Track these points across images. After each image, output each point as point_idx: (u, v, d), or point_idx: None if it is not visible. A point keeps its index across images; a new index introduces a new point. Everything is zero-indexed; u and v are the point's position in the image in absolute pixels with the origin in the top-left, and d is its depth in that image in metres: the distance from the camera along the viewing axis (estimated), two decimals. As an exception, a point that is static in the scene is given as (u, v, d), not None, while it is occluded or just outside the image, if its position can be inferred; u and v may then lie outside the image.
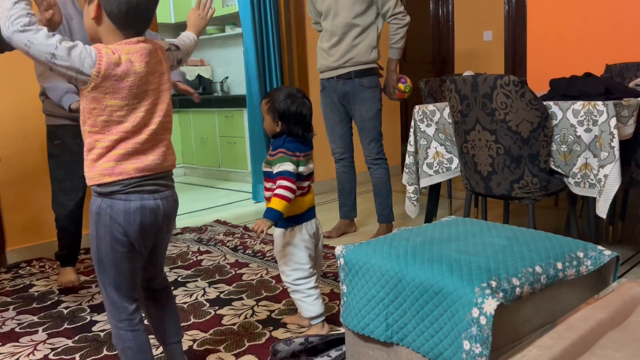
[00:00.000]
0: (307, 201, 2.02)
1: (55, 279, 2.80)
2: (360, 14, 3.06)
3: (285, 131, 1.94)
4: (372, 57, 3.10)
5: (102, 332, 2.13)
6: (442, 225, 1.75)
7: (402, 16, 3.09)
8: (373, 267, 1.52)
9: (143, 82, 1.41)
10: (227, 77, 6.24)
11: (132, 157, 1.43)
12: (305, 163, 1.98)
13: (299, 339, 1.82)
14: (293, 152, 1.92)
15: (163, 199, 1.50)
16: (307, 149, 1.99)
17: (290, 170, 1.89)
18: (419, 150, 2.87)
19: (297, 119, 1.93)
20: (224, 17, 5.90)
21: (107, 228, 1.45)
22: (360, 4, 3.05)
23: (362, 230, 3.49)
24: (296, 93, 1.96)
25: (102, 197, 1.46)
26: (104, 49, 1.36)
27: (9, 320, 2.30)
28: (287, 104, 1.92)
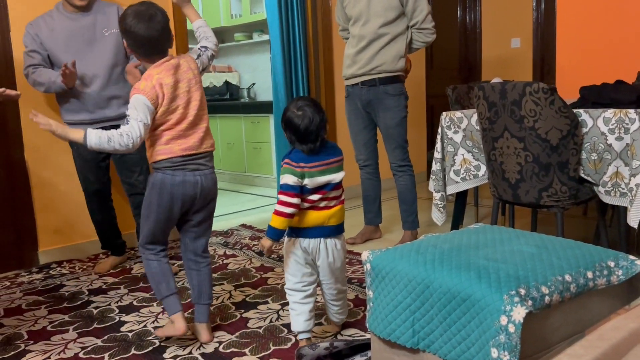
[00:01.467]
0: (315, 217, 1.86)
1: (84, 279, 2.86)
2: (390, 22, 3.05)
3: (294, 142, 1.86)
4: (399, 67, 3.10)
5: (131, 333, 2.17)
6: (470, 233, 1.75)
7: (428, 33, 3.07)
8: (400, 273, 1.52)
9: (174, 89, 1.91)
10: (254, 83, 6.30)
11: (177, 140, 1.93)
12: (315, 175, 1.82)
13: (324, 343, 1.82)
14: (297, 162, 1.82)
15: (202, 176, 1.99)
16: (317, 159, 1.84)
17: (289, 183, 1.80)
18: (446, 157, 2.86)
19: (292, 130, 1.83)
20: (252, 24, 5.96)
21: (157, 194, 1.95)
22: (392, 12, 3.04)
23: (387, 236, 3.48)
24: (301, 103, 1.85)
25: (156, 171, 1.96)
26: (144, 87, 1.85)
27: (41, 319, 2.36)
28: (285, 115, 1.85)
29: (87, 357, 1.98)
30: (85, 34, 2.77)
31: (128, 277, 2.88)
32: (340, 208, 1.92)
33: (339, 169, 1.89)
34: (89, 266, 3.09)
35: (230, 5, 6.13)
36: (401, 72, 3.13)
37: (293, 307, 1.92)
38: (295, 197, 1.80)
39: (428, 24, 3.06)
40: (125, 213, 3.28)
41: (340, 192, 1.91)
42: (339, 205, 1.91)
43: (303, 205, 1.84)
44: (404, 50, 3.08)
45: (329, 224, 1.88)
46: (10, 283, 2.86)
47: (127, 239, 3.27)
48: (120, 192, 3.24)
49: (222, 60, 6.69)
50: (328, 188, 1.86)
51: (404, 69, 3.13)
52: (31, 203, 3.10)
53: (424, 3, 3.05)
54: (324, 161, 1.85)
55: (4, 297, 2.65)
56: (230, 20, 6.13)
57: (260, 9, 5.72)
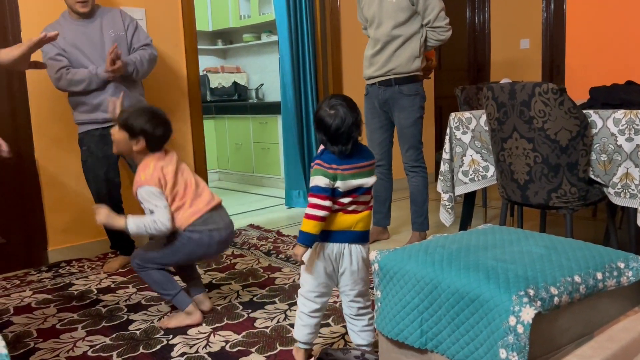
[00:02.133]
0: (342, 220, 1.75)
1: (93, 278, 2.87)
2: (403, 23, 3.04)
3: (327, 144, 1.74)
4: (414, 67, 3.09)
5: (138, 331, 2.18)
6: (479, 233, 1.74)
7: (442, 31, 3.05)
8: (408, 273, 1.52)
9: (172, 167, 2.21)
10: (262, 84, 6.31)
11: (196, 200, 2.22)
12: (347, 178, 1.71)
13: (356, 351, 1.82)
14: (329, 164, 1.71)
15: (229, 229, 2.29)
16: (349, 162, 1.72)
17: (320, 185, 1.69)
18: (454, 157, 2.85)
19: (323, 130, 1.71)
20: (260, 24, 5.98)
21: (192, 248, 2.20)
22: (403, 13, 3.03)
23: (395, 237, 3.47)
24: (334, 102, 1.72)
25: (192, 232, 2.19)
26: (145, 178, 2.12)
27: (50, 317, 2.38)
28: (317, 114, 1.73)
29: (96, 356, 1.99)
30: (95, 38, 2.84)
31: (137, 276, 2.89)
32: (368, 214, 1.80)
33: (371, 173, 1.78)
34: (97, 265, 3.10)
35: (239, 6, 6.15)
36: (417, 72, 3.11)
37: (300, 316, 1.84)
38: (327, 199, 1.69)
39: (441, 22, 3.03)
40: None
41: (369, 197, 1.80)
42: (367, 211, 1.80)
43: (333, 208, 1.73)
44: (418, 50, 3.07)
45: (356, 229, 1.76)
46: (20, 282, 2.88)
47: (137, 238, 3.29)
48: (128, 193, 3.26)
49: (231, 61, 6.71)
50: (359, 192, 1.75)
51: (419, 68, 3.11)
52: (41, 202, 3.13)
53: (435, 1, 3.03)
54: (357, 164, 1.73)
55: (13, 295, 2.67)
56: (239, 21, 6.15)
57: (269, 9, 5.74)
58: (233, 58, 6.72)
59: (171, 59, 3.60)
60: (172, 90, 3.62)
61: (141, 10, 3.40)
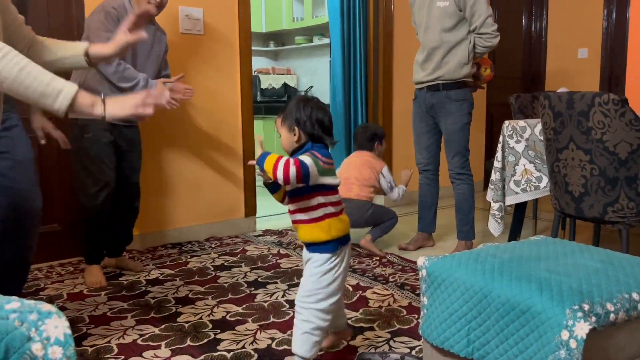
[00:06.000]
0: (345, 222, 1.75)
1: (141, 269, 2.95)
2: (450, 29, 3.03)
3: (304, 140, 1.69)
4: (463, 74, 3.06)
5: (187, 324, 2.23)
6: (531, 244, 1.71)
7: (489, 38, 2.99)
8: (457, 281, 1.50)
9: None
10: (312, 86, 6.35)
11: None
12: (333, 173, 1.71)
13: (394, 354, 1.82)
14: (325, 157, 1.66)
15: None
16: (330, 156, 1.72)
17: (309, 166, 1.59)
18: (506, 166, 2.80)
19: (315, 122, 1.68)
20: (313, 27, 6.02)
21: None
22: (450, 19, 3.01)
23: (440, 245, 3.44)
24: (310, 98, 1.73)
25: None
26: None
27: (101, 304, 2.46)
28: (301, 108, 1.68)
29: (145, 344, 2.05)
30: (148, 44, 2.81)
31: (184, 269, 2.96)
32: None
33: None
34: (147, 257, 3.19)
35: (293, 9, 6.21)
36: (466, 78, 3.07)
37: (314, 332, 1.70)
38: (299, 182, 1.60)
39: (488, 29, 2.98)
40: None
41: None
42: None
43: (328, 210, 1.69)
44: (466, 56, 3.03)
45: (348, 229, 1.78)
46: (74, 269, 2.99)
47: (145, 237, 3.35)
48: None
49: (282, 62, 6.79)
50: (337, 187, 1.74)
51: (468, 74, 3.07)
52: (97, 193, 3.22)
53: (481, 7, 2.97)
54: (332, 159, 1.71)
55: (67, 281, 2.78)
56: (292, 23, 6.21)
57: (322, 12, 5.77)
58: (284, 60, 6.79)
59: (225, 59, 3.66)
60: (225, 90, 3.69)
61: (199, 9, 3.48)
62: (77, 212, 3.04)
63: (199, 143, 3.59)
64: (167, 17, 3.20)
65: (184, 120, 3.50)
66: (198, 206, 3.61)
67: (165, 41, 2.95)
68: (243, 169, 3.81)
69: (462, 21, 3.01)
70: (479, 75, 3.19)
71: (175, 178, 3.50)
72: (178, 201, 3.53)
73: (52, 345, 0.79)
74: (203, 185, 3.64)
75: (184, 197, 3.54)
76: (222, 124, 3.68)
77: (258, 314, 2.32)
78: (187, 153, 3.55)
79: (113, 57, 1.72)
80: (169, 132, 3.43)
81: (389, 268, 2.95)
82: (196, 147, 3.58)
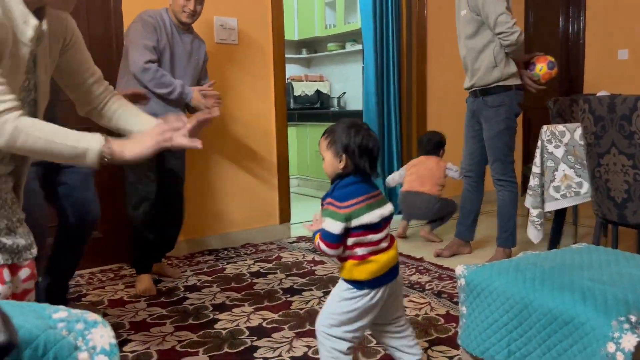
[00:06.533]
0: (385, 261, 1.59)
1: (179, 276, 3.00)
2: (472, 36, 3.04)
3: (350, 169, 1.58)
4: (494, 77, 3.01)
5: (224, 331, 2.25)
6: (573, 252, 1.67)
7: (505, 36, 2.91)
8: (497, 290, 1.48)
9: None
10: (345, 92, 6.36)
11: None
12: (371, 208, 1.56)
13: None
14: (343, 201, 1.54)
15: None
16: (373, 189, 1.61)
17: (328, 231, 1.53)
18: (545, 172, 2.74)
19: (363, 151, 1.56)
20: (345, 34, 6.04)
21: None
22: (470, 26, 3.03)
23: (477, 252, 3.38)
24: (361, 124, 1.61)
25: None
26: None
27: (141, 311, 2.50)
28: (352, 135, 1.57)
29: (184, 351, 2.07)
30: (186, 51, 2.87)
31: (221, 276, 2.99)
32: (396, 243, 1.66)
33: (385, 201, 1.63)
34: (184, 264, 3.24)
35: (325, 16, 6.24)
36: (501, 82, 3.02)
37: (332, 355, 1.60)
38: (336, 247, 1.55)
39: (501, 27, 2.89)
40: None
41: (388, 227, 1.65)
42: (394, 241, 1.65)
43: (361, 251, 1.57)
44: (494, 60, 2.99)
45: (394, 264, 1.62)
46: (114, 275, 3.05)
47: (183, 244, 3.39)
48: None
49: (314, 69, 6.82)
50: (383, 222, 1.59)
51: (501, 78, 3.01)
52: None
53: (490, 7, 2.90)
54: (372, 193, 1.60)
55: (108, 288, 2.84)
56: (324, 30, 6.24)
57: (355, 19, 5.78)
58: (317, 66, 6.82)
59: (259, 67, 3.70)
60: (259, 98, 3.72)
61: (234, 19, 3.53)
62: (118, 221, 3.12)
63: (234, 150, 3.64)
64: (202, 26, 3.25)
65: (220, 129, 3.54)
66: (233, 213, 3.65)
67: (204, 50, 3.00)
68: (277, 176, 3.83)
69: (482, 26, 3.00)
70: (534, 75, 3.08)
71: (211, 185, 3.55)
72: (214, 208, 3.57)
73: (98, 354, 0.81)
74: (238, 192, 3.67)
75: (220, 204, 3.58)
76: (256, 131, 3.72)
77: (294, 321, 2.33)
78: (223, 160, 3.60)
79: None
80: (205, 140, 3.46)
81: (425, 275, 2.92)
82: (231, 154, 3.63)
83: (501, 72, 2.99)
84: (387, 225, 1.62)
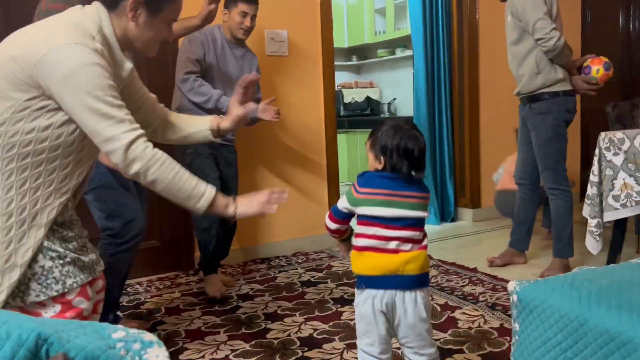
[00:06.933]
0: (386, 262, 1.53)
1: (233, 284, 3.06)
2: (516, 42, 3.00)
3: (388, 169, 1.57)
4: (538, 84, 2.95)
5: (276, 340, 2.29)
6: (632, 268, 1.61)
7: (543, 43, 2.83)
8: (551, 308, 1.44)
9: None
10: (395, 98, 6.33)
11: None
12: (390, 205, 1.53)
13: None
14: (361, 187, 1.57)
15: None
16: (407, 189, 1.56)
17: (337, 206, 1.62)
18: (603, 180, 2.64)
19: (401, 153, 1.55)
20: (395, 40, 6.02)
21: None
22: (514, 32, 3.00)
23: (532, 262, 3.29)
24: (403, 125, 1.60)
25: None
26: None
27: (196, 319, 2.58)
28: (390, 136, 1.56)
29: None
30: (237, 64, 2.97)
31: (272, 285, 3.04)
32: (420, 253, 1.55)
33: (419, 206, 1.57)
34: (237, 272, 3.31)
35: (375, 23, 6.24)
36: (546, 89, 2.94)
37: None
38: (336, 222, 1.65)
39: (539, 34, 2.82)
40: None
41: (420, 235, 1.58)
42: (419, 250, 1.56)
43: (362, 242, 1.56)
44: (536, 66, 2.93)
45: (406, 271, 1.52)
46: (171, 283, 3.15)
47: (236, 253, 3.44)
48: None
49: (365, 76, 6.82)
50: (400, 224, 1.54)
51: (546, 84, 2.93)
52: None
53: (528, 13, 2.84)
54: (399, 191, 1.55)
55: (165, 295, 2.94)
56: (374, 37, 6.24)
57: (405, 24, 5.75)
58: (367, 73, 6.82)
59: (309, 77, 3.75)
60: (309, 107, 3.76)
61: (284, 31, 3.59)
62: (174, 230, 3.23)
63: (285, 160, 3.69)
64: (253, 40, 3.31)
65: (272, 138, 3.61)
66: (284, 222, 3.70)
67: (256, 64, 3.09)
68: (327, 185, 3.86)
69: (525, 32, 2.95)
70: (591, 79, 2.99)
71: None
72: (266, 217, 3.62)
73: (153, 372, 0.85)
74: (289, 201, 3.63)
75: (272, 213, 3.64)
76: (306, 141, 3.76)
77: (344, 332, 2.34)
78: (274, 169, 3.66)
79: (232, 130, 1.86)
80: (258, 149, 3.56)
81: (479, 287, 2.87)
82: (282, 164, 3.68)
83: (545, 79, 2.93)
84: (408, 229, 1.55)
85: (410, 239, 1.55)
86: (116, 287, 2.35)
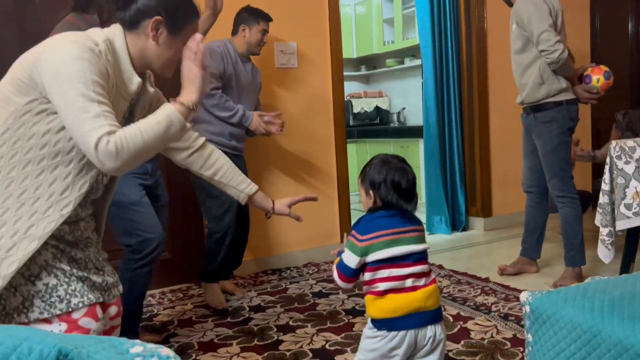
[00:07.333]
0: (409, 300, 1.52)
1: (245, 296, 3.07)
2: (520, 51, 3.01)
3: (380, 204, 1.59)
4: (542, 94, 2.96)
5: (288, 352, 2.30)
6: (645, 278, 1.60)
7: (546, 55, 2.84)
8: (563, 319, 1.44)
9: None
10: (404, 107, 6.34)
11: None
12: (396, 243, 1.54)
13: None
14: (364, 234, 1.55)
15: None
16: (405, 224, 1.58)
17: (344, 263, 1.57)
18: (615, 189, 2.63)
19: (389, 186, 1.56)
20: (404, 50, 6.04)
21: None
22: (518, 41, 3.01)
23: (545, 271, 3.27)
24: (391, 159, 1.61)
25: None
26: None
27: (208, 331, 2.59)
28: (377, 170, 1.59)
29: (249, 372, 2.13)
30: (249, 78, 3.07)
31: (284, 296, 3.05)
32: (435, 287, 1.57)
33: (421, 239, 1.60)
34: (249, 283, 3.32)
35: (383, 33, 6.27)
36: (549, 99, 2.95)
37: None
38: (349, 281, 1.59)
39: (543, 45, 2.84)
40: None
41: (428, 268, 1.59)
42: (434, 284, 1.58)
43: (382, 286, 1.54)
44: (539, 76, 2.94)
45: (427, 307, 1.54)
46: (183, 295, 3.17)
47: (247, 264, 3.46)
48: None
49: (374, 85, 6.84)
50: (410, 260, 1.55)
51: (550, 94, 2.94)
52: (201, 219, 3.38)
53: (533, 24, 2.86)
54: (401, 228, 1.57)
55: (177, 307, 2.95)
56: (383, 46, 6.26)
57: (413, 34, 5.77)
58: (376, 83, 6.84)
59: (318, 87, 3.77)
60: (318, 117, 3.78)
61: (294, 44, 3.62)
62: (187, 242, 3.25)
63: (295, 169, 3.71)
64: (263, 53, 3.33)
65: (282, 148, 3.63)
66: (295, 232, 3.71)
67: (259, 79, 3.18)
68: (337, 196, 3.87)
69: (529, 42, 2.96)
70: (592, 88, 3.01)
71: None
72: (277, 228, 3.65)
73: (170, 387, 0.86)
74: (300, 212, 3.69)
75: (282, 223, 3.65)
76: (316, 152, 3.78)
77: (356, 344, 2.32)
78: (284, 180, 3.68)
79: (282, 214, 2.06)
80: (267, 159, 3.58)
81: (491, 296, 2.86)
82: (292, 174, 3.70)
83: (549, 89, 2.95)
84: (418, 264, 1.56)
85: (422, 273, 1.57)
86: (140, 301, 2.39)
